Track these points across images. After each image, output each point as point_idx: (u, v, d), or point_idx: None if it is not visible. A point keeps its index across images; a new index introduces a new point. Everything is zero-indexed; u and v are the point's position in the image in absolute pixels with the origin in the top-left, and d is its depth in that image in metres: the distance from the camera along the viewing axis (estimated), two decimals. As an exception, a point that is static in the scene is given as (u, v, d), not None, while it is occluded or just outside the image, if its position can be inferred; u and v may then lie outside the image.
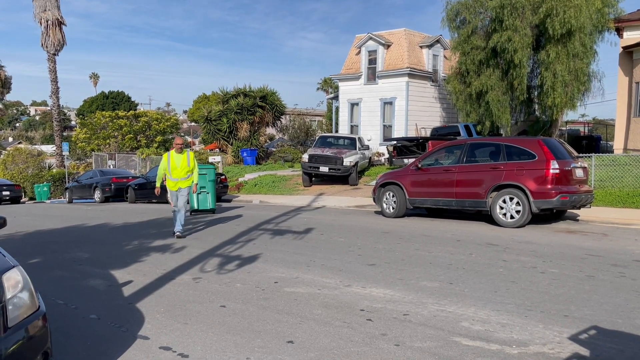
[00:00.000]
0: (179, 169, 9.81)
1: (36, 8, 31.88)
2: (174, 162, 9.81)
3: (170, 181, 9.84)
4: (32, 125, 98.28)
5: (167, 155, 9.95)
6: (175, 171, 9.79)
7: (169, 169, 9.80)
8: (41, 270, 7.03)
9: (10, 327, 3.03)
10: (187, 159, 9.88)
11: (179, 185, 9.86)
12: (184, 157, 9.88)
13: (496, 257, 7.29)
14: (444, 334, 4.32)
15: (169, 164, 9.81)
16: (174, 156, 9.85)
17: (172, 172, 9.78)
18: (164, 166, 9.92)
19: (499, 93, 18.50)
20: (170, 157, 9.86)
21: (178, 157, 9.86)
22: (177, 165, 9.80)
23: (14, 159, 34.00)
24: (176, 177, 9.81)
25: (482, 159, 10.91)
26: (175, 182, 9.84)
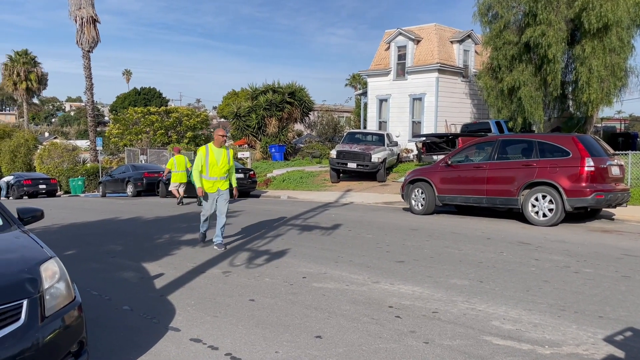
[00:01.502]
0: (219, 167, 8.05)
1: (71, 6, 32.62)
2: (214, 157, 8.05)
3: (206, 181, 8.10)
4: (67, 120, 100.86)
5: (204, 149, 8.14)
6: (214, 169, 8.05)
7: (207, 166, 8.04)
8: (76, 262, 7.22)
9: (47, 316, 3.12)
10: (228, 155, 8.20)
11: (217, 186, 8.13)
12: (224, 152, 8.16)
13: (528, 256, 7.15)
14: (474, 333, 4.26)
15: (207, 160, 8.04)
16: (213, 151, 8.08)
17: (210, 170, 8.05)
18: (201, 162, 8.08)
19: (531, 89, 18.11)
20: (209, 151, 8.07)
21: (218, 152, 8.10)
22: (217, 162, 8.04)
23: (50, 153, 34.94)
24: (214, 175, 8.07)
25: (514, 156, 10.71)
26: (213, 181, 8.11)
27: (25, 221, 4.21)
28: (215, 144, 8.16)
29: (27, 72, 49.31)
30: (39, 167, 35.11)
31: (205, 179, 8.11)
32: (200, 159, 8.11)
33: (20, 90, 49.94)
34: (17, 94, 52.11)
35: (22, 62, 49.18)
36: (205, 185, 8.13)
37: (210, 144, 8.22)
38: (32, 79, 49.68)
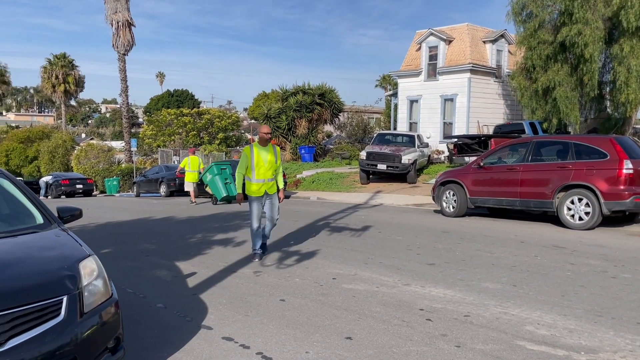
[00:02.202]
0: (266, 167, 7.17)
1: (108, 10, 33.45)
2: (259, 157, 7.16)
3: (251, 184, 7.19)
4: (103, 122, 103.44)
5: (248, 149, 7.25)
6: (261, 170, 7.15)
7: (252, 167, 7.15)
8: (112, 260, 7.40)
9: (86, 312, 3.21)
10: (275, 154, 7.30)
11: (264, 189, 7.21)
12: (271, 150, 7.27)
13: (563, 260, 7.00)
14: (507, 337, 4.20)
15: (253, 160, 7.15)
16: (258, 150, 7.20)
17: (257, 171, 7.15)
18: (246, 163, 7.22)
19: (567, 89, 17.69)
20: (255, 151, 7.19)
21: (264, 151, 7.22)
22: (264, 162, 7.16)
23: (87, 154, 35.92)
24: (261, 177, 7.16)
25: (548, 158, 10.49)
26: (260, 184, 7.17)
27: (65, 220, 4.33)
28: (260, 143, 7.28)
29: (65, 75, 50.74)
30: (76, 168, 36.12)
31: (251, 182, 7.20)
32: (245, 159, 7.22)
33: (58, 93, 51.44)
34: (55, 96, 53.70)
35: (61, 66, 50.64)
36: (250, 188, 7.20)
37: (254, 142, 7.36)
38: (69, 82, 51.10)
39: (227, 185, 16.91)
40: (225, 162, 18.29)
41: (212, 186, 17.09)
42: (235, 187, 16.35)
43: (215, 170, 16.99)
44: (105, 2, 33.32)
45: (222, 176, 16.96)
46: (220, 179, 16.91)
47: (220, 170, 17.04)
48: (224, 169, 17.12)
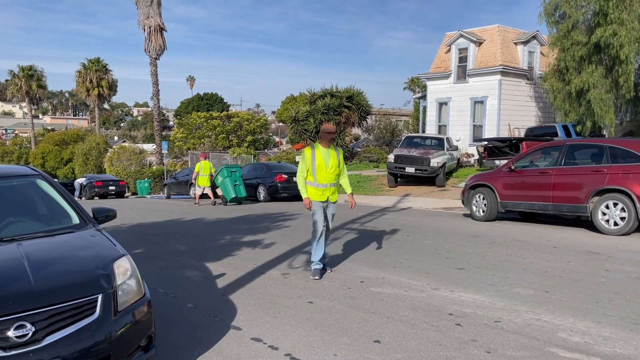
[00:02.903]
0: (329, 171, 6.49)
1: (140, 15, 34.16)
2: (322, 159, 6.47)
3: (313, 189, 6.50)
4: (134, 125, 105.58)
5: (309, 150, 6.54)
6: (323, 173, 6.48)
7: (314, 170, 6.48)
8: (144, 260, 7.54)
9: (119, 311, 3.29)
10: (338, 157, 6.62)
11: (327, 195, 6.54)
12: (333, 152, 6.56)
13: (597, 266, 6.82)
14: (539, 344, 4.12)
15: (314, 162, 6.47)
16: (320, 151, 6.50)
17: (318, 175, 6.47)
18: (307, 166, 6.52)
19: (602, 91, 17.26)
20: (316, 152, 6.50)
21: (326, 152, 6.51)
22: (327, 165, 6.47)
23: (119, 156, 36.72)
24: (324, 181, 6.49)
25: (582, 162, 10.25)
26: (322, 189, 6.50)
27: (100, 220, 4.45)
28: (322, 144, 6.55)
29: (99, 79, 51.99)
30: (108, 170, 36.95)
31: (312, 187, 6.51)
32: (306, 162, 6.51)
33: (92, 97, 52.73)
34: (89, 100, 55.05)
35: (95, 70, 51.91)
36: (313, 193, 6.52)
37: (316, 143, 6.68)
38: (103, 86, 52.33)
39: (237, 187, 18.07)
40: (235, 166, 19.74)
41: (223, 188, 18.15)
42: (243, 188, 18.42)
43: (225, 173, 18.08)
44: (138, 8, 34.03)
45: (231, 178, 18.04)
46: (229, 181, 17.97)
47: (230, 173, 18.18)
48: (233, 171, 18.33)
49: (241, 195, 18.21)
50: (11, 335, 2.87)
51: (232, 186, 17.97)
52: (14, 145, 66.26)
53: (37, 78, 56.93)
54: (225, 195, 18.23)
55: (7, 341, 2.86)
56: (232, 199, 17.98)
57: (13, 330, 2.89)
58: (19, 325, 2.91)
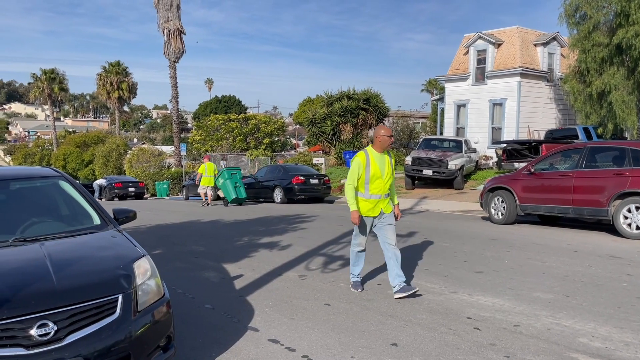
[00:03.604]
0: (384, 180, 5.67)
1: (160, 19, 34.55)
2: (377, 167, 5.62)
3: (364, 201, 5.66)
4: (154, 127, 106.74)
5: (363, 156, 5.67)
6: (377, 183, 5.63)
7: (367, 179, 5.61)
8: (163, 261, 7.62)
9: (139, 311, 3.33)
10: (392, 164, 5.82)
11: (380, 207, 5.72)
12: (387, 159, 5.76)
13: (619, 271, 6.71)
14: (560, 349, 4.07)
15: (368, 170, 5.59)
16: (374, 157, 5.66)
17: (372, 185, 5.62)
18: (358, 174, 5.63)
19: (623, 93, 16.98)
20: (370, 158, 5.63)
21: (381, 159, 5.69)
22: (382, 173, 5.64)
23: (139, 158, 37.15)
24: (377, 192, 5.64)
25: (603, 164, 10.09)
26: (375, 201, 5.67)
27: (120, 221, 4.51)
28: (376, 148, 5.69)
29: (119, 81, 52.74)
30: (128, 171, 37.41)
31: (363, 199, 5.65)
32: (358, 169, 5.62)
33: (112, 99, 53.50)
34: (110, 103, 55.88)
35: (115, 73, 52.67)
36: (364, 207, 5.66)
37: (369, 147, 5.79)
38: (123, 88, 53.07)
39: (237, 188, 18.78)
40: (235, 168, 20.65)
41: (224, 189, 18.83)
42: (244, 190, 19.15)
43: (227, 175, 18.76)
44: (158, 12, 34.43)
45: (232, 180, 18.71)
46: (230, 183, 18.63)
47: (231, 175, 18.87)
48: (234, 173, 19.04)
49: (242, 196, 18.91)
50: (34, 334, 2.93)
51: (233, 187, 18.63)
52: (37, 147, 67.57)
53: (59, 81, 57.95)
54: (226, 197, 18.85)
55: (30, 340, 2.92)
56: (233, 200, 18.63)
57: (35, 329, 2.94)
58: (41, 324, 2.96)
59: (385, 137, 5.65)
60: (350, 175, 5.68)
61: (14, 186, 4.56)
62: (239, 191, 18.83)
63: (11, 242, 3.74)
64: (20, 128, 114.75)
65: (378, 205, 5.70)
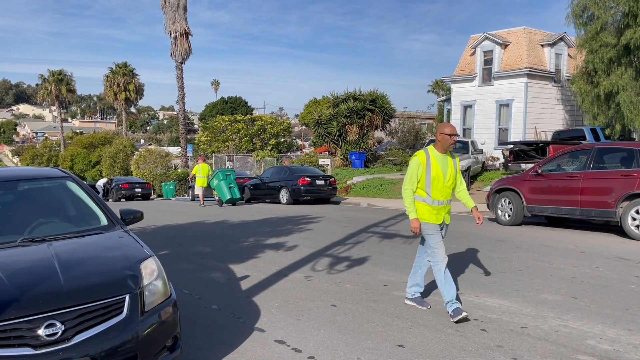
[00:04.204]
0: (446, 184, 5.04)
1: (167, 21, 34.67)
2: (439, 169, 5.00)
3: (424, 207, 5.02)
4: (160, 128, 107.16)
5: (422, 155, 5.04)
6: (439, 186, 5.00)
7: (428, 182, 4.98)
8: (169, 262, 7.64)
9: (146, 311, 3.34)
10: (455, 166, 5.15)
11: (443, 214, 5.09)
12: (450, 160, 5.09)
13: (627, 273, 6.66)
14: (567, 351, 4.04)
15: (429, 173, 4.97)
16: (436, 158, 5.03)
17: (434, 189, 4.99)
18: (417, 176, 5.00)
19: (631, 94, 16.86)
20: (431, 159, 5.01)
21: (444, 160, 5.05)
22: (444, 176, 5.01)
23: (145, 159, 37.27)
24: (439, 197, 5.01)
25: (611, 166, 10.03)
26: (438, 208, 5.03)
27: (127, 221, 4.52)
28: (437, 148, 5.08)
29: (126, 83, 52.99)
30: (135, 172, 37.55)
31: (424, 204, 5.02)
32: (417, 170, 5.00)
33: (119, 100, 53.74)
34: (116, 104, 56.15)
35: (122, 74, 52.92)
36: (426, 213, 5.01)
37: (429, 147, 5.13)
38: (130, 90, 53.30)
39: (231, 189, 19.30)
40: (229, 169, 21.42)
41: (218, 190, 19.36)
42: (237, 190, 19.58)
43: (221, 176, 19.31)
44: (165, 13, 34.56)
45: (226, 181, 19.22)
46: (225, 184, 19.13)
47: (225, 176, 19.42)
48: (228, 174, 19.63)
49: (235, 196, 19.42)
50: (41, 333, 2.94)
51: (227, 188, 19.14)
52: (44, 148, 68.00)
53: (66, 82, 58.33)
54: (220, 197, 19.36)
55: (38, 339, 2.93)
56: (227, 200, 19.13)
57: (43, 329, 2.95)
58: (49, 324, 2.97)
59: (446, 135, 4.99)
60: (409, 177, 5.04)
61: (22, 187, 4.59)
62: (233, 192, 19.31)
63: (19, 243, 3.76)
64: (28, 129, 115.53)
65: (440, 212, 5.05)
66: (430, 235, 5.03)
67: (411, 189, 5.04)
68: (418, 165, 5.01)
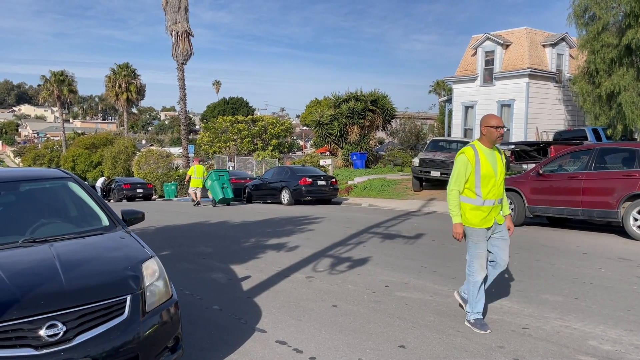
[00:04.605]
0: (497, 181, 4.58)
1: (168, 21, 34.70)
2: (489, 166, 4.54)
3: (473, 209, 4.57)
4: (162, 129, 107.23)
5: (470, 151, 4.59)
6: (490, 185, 4.54)
7: (477, 182, 4.54)
8: (171, 262, 7.65)
9: (147, 312, 3.34)
10: (503, 161, 4.72)
11: (493, 216, 4.62)
12: (498, 156, 4.67)
13: (629, 273, 6.65)
14: (569, 352, 4.04)
15: (478, 170, 4.53)
16: (485, 154, 4.58)
17: (484, 188, 4.53)
18: (466, 175, 4.56)
19: (633, 94, 16.83)
20: (480, 155, 4.56)
21: (492, 155, 4.62)
22: (494, 173, 4.56)
23: (147, 159, 37.29)
24: (491, 197, 4.55)
25: (613, 166, 10.02)
26: (489, 208, 4.57)
27: (129, 222, 4.53)
28: (483, 142, 4.64)
29: (127, 83, 53.04)
30: (136, 173, 37.58)
31: (473, 206, 4.57)
32: (465, 168, 4.56)
33: (121, 101, 53.80)
34: (118, 104, 56.19)
35: (124, 75, 52.97)
36: (475, 217, 4.56)
37: (476, 142, 4.69)
38: (131, 90, 53.35)
39: (224, 189, 19.87)
40: (222, 170, 22.22)
41: (212, 190, 19.91)
42: (231, 190, 20.08)
43: (214, 177, 19.90)
44: (166, 14, 34.59)
45: (219, 182, 19.77)
46: (218, 184, 19.69)
47: (218, 176, 20.01)
48: (221, 175, 20.24)
49: (228, 196, 19.95)
50: (43, 334, 2.94)
51: (220, 188, 19.70)
52: (46, 149, 68.07)
53: (68, 83, 58.42)
54: (214, 197, 19.88)
55: (39, 340, 2.93)
56: (220, 200, 19.72)
57: (45, 329, 2.96)
58: (50, 325, 2.97)
59: (491, 128, 4.54)
60: (455, 177, 4.58)
61: (23, 187, 4.60)
62: (226, 192, 19.85)
63: (21, 243, 3.76)
64: (30, 130, 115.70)
65: (492, 214, 4.59)
66: (475, 244, 4.58)
67: (458, 190, 4.59)
68: (466, 164, 4.54)
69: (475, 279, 4.59)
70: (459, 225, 4.61)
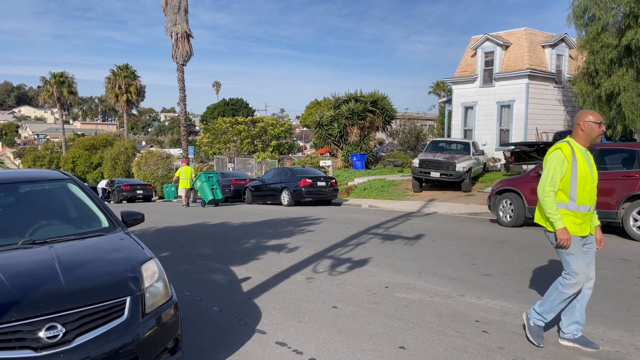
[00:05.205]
0: (593, 185, 4.18)
1: (167, 22, 34.66)
2: (586, 167, 4.10)
3: (568, 214, 4.11)
4: (162, 130, 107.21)
5: (567, 148, 4.09)
6: (587, 187, 4.11)
7: (574, 184, 4.08)
8: (171, 264, 7.64)
9: (147, 313, 3.34)
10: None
11: (588, 224, 4.20)
12: (591, 157, 4.25)
13: (629, 274, 6.65)
14: (569, 353, 4.03)
15: (575, 171, 4.06)
16: (582, 154, 4.12)
17: (580, 192, 4.09)
18: (560, 175, 4.08)
19: (633, 95, 16.84)
20: (577, 154, 4.10)
21: (587, 155, 4.16)
22: (591, 174, 4.13)
23: (147, 160, 37.29)
24: (586, 202, 4.14)
25: (613, 167, 10.02)
26: (584, 215, 4.15)
27: (128, 223, 4.53)
28: (579, 140, 4.16)
29: (127, 85, 53.00)
30: (136, 174, 37.58)
31: (568, 211, 4.13)
32: (561, 167, 4.09)
33: (121, 102, 53.77)
34: (118, 106, 56.17)
35: (123, 76, 52.95)
36: (571, 222, 4.11)
37: (569, 139, 4.20)
38: (131, 92, 53.32)
39: (214, 190, 20.20)
40: (211, 172, 22.80)
41: (201, 191, 20.26)
42: (220, 192, 20.45)
43: (203, 178, 20.21)
44: (166, 15, 34.56)
45: (209, 183, 20.09)
46: (207, 186, 20.01)
47: (208, 178, 20.33)
48: (210, 177, 20.60)
49: (218, 197, 20.27)
50: (42, 336, 2.94)
51: (210, 190, 20.01)
52: (46, 150, 68.08)
53: (68, 84, 58.41)
54: (203, 198, 20.25)
55: (39, 342, 2.93)
56: (209, 201, 19.99)
57: (44, 331, 2.95)
58: (50, 326, 2.97)
59: (592, 124, 4.04)
60: (550, 176, 4.07)
61: (23, 189, 4.60)
62: (215, 193, 20.19)
63: (20, 245, 3.76)
64: (30, 131, 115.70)
65: (587, 222, 4.12)
66: (572, 255, 4.05)
67: (554, 191, 4.06)
68: (562, 161, 4.03)
69: (568, 292, 4.11)
70: (564, 230, 4.01)
